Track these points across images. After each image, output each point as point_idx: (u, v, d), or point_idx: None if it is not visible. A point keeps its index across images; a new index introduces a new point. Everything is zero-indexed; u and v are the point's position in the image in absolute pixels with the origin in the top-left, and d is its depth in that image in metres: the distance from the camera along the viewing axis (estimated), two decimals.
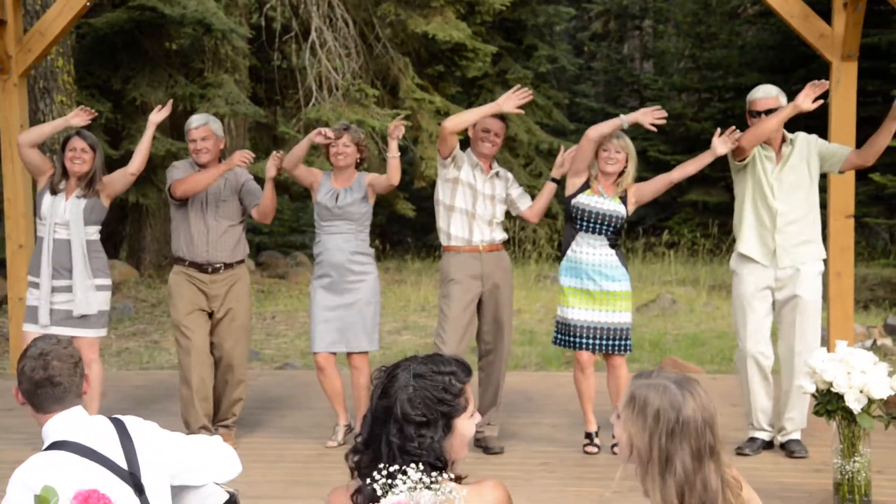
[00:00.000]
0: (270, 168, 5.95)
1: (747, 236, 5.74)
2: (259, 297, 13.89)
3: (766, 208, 5.69)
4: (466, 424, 2.65)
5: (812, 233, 5.74)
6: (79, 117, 6.03)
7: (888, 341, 9.95)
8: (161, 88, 14.65)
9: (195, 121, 6.11)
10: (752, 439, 5.76)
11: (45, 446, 3.06)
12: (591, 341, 5.81)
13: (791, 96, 5.65)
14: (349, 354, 6.06)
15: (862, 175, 8.48)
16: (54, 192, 5.93)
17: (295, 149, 6.07)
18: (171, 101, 6.30)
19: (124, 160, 13.38)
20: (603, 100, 24.22)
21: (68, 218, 5.88)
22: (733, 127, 5.72)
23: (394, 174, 5.96)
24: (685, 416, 2.47)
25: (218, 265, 6.03)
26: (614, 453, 5.79)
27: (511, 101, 5.78)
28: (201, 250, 6.02)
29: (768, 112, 5.63)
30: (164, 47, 15.37)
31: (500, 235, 6.05)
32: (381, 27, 16.97)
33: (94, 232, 5.99)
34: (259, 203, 6.03)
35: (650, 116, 5.80)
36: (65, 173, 5.95)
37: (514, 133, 18.24)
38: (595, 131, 5.79)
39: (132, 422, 3.18)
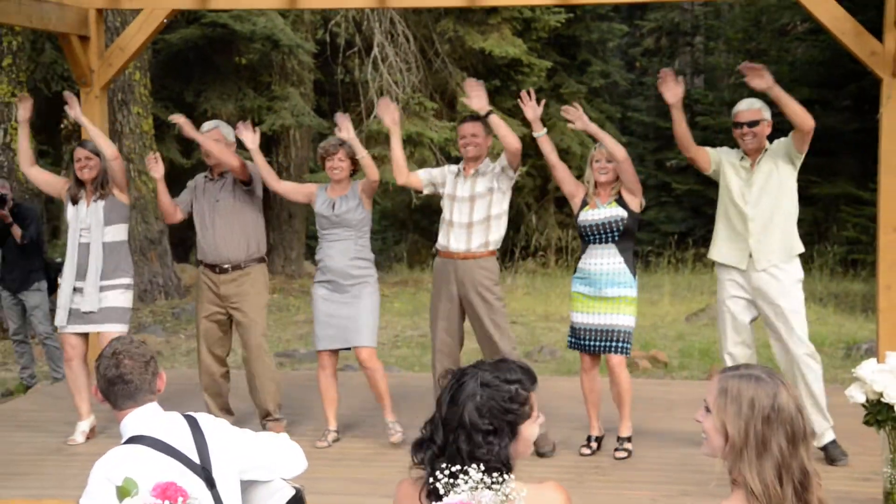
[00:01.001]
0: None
1: (720, 243, 5.78)
2: (306, 300, 13.97)
3: (736, 214, 5.68)
4: (531, 429, 2.65)
5: (787, 235, 5.66)
6: (22, 108, 6.27)
7: None
8: (231, 101, 14.86)
9: (206, 125, 6.38)
10: None
11: (123, 440, 3.12)
12: (588, 342, 5.82)
13: (842, 112, 5.60)
14: (357, 353, 6.10)
15: None
16: (75, 201, 6.20)
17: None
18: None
19: (195, 170, 13.59)
20: (654, 114, 24.01)
21: (90, 222, 6.11)
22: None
23: (368, 171, 6.05)
24: (780, 402, 2.49)
25: (226, 265, 6.14)
26: (616, 458, 5.72)
27: (384, 114, 6.11)
28: (209, 251, 6.20)
29: (752, 124, 5.66)
30: (233, 62, 15.59)
31: (479, 242, 5.88)
32: (440, 43, 17.04)
33: (116, 232, 6.20)
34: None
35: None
36: (78, 182, 6.19)
37: (567, 146, 18.18)
38: (549, 160, 5.88)
39: (204, 419, 3.22)
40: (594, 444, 5.92)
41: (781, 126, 5.81)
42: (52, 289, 8.93)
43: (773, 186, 5.66)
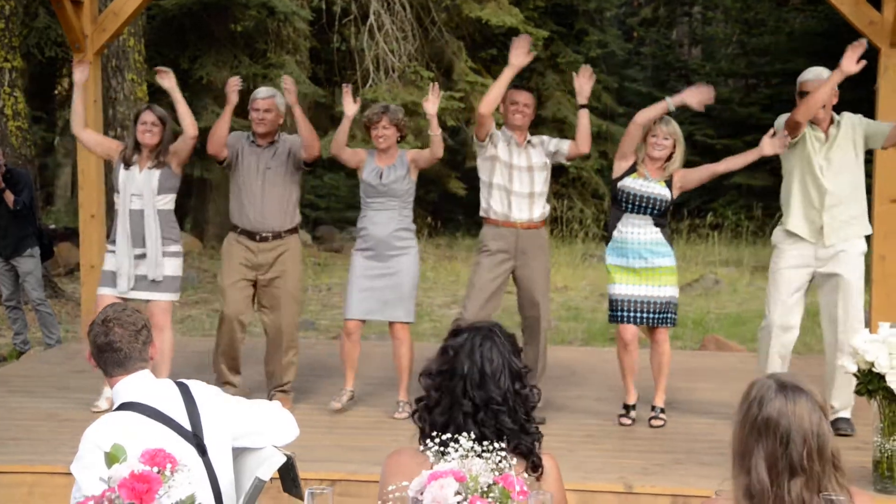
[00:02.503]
0: (289, 95, 5.98)
1: (795, 213, 5.64)
2: (315, 270, 13.99)
3: (815, 187, 5.58)
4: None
5: (858, 212, 5.63)
6: (79, 72, 6.16)
7: None
8: (226, 68, 14.76)
9: (263, 92, 6.18)
10: None
11: (114, 407, 3.11)
12: (635, 314, 5.75)
13: (840, 83, 5.54)
14: (391, 325, 6.08)
15: None
16: (128, 165, 6.00)
17: (338, 132, 6.04)
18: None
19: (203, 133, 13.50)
20: (651, 84, 23.94)
21: (143, 189, 5.95)
22: (786, 132, 5.60)
23: (437, 148, 5.95)
24: (766, 414, 2.33)
25: (267, 234, 6.07)
26: (651, 426, 5.76)
27: (516, 53, 5.79)
28: (252, 217, 6.08)
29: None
30: (229, 29, 15.47)
31: (540, 212, 5.98)
32: (436, 11, 16.93)
33: (167, 201, 6.05)
34: (301, 138, 6.05)
35: (696, 97, 5.71)
36: (136, 146, 6.01)
37: (564, 115, 18.12)
38: (642, 116, 5.72)
39: (196, 386, 3.21)
40: (633, 414, 5.87)
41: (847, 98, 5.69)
42: (46, 255, 8.91)
43: (851, 163, 5.60)
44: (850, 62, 5.37)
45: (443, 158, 6.43)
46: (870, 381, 4.55)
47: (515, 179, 5.91)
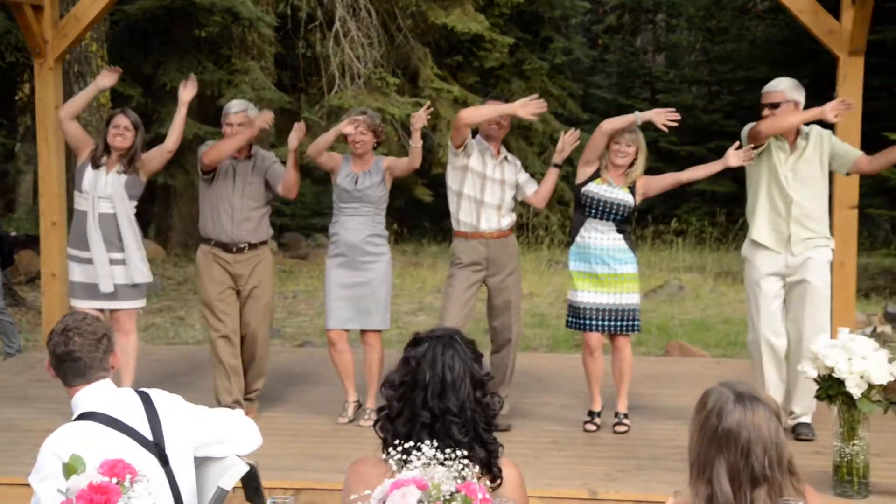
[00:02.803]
0: (293, 140, 5.93)
1: (760, 224, 5.71)
2: (281, 277, 13.91)
3: (781, 197, 5.65)
4: None
5: (823, 223, 5.71)
6: (107, 78, 6.09)
7: (888, 329, 9.91)
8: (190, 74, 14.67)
9: (235, 105, 6.14)
10: None
11: (73, 417, 3.08)
12: (599, 322, 5.79)
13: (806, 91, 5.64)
14: (363, 332, 6.07)
15: None
16: (96, 165, 5.94)
17: (321, 138, 6.04)
18: (192, 75, 6.29)
19: (153, 143, 13.40)
20: (616, 91, 24.09)
21: (111, 192, 5.90)
22: (752, 146, 5.66)
23: (415, 159, 5.98)
24: (727, 425, 2.33)
25: (242, 245, 6.03)
26: (615, 432, 5.79)
27: (527, 108, 5.78)
28: (227, 230, 6.02)
29: (773, 105, 5.62)
30: (193, 34, 15.38)
31: (508, 221, 6.01)
32: (402, 18, 16.94)
33: (132, 207, 6.02)
34: (283, 178, 6.03)
35: (663, 117, 5.76)
36: (107, 149, 5.96)
37: (529, 123, 18.15)
38: (609, 125, 5.76)
39: (158, 395, 3.18)
40: (598, 420, 5.90)
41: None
42: (6, 263, 8.79)
43: (815, 175, 5.66)
44: (832, 113, 5.48)
45: None
46: (829, 387, 4.60)
47: (488, 190, 5.92)
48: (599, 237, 5.78)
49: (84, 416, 3.04)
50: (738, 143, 5.73)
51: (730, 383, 2.45)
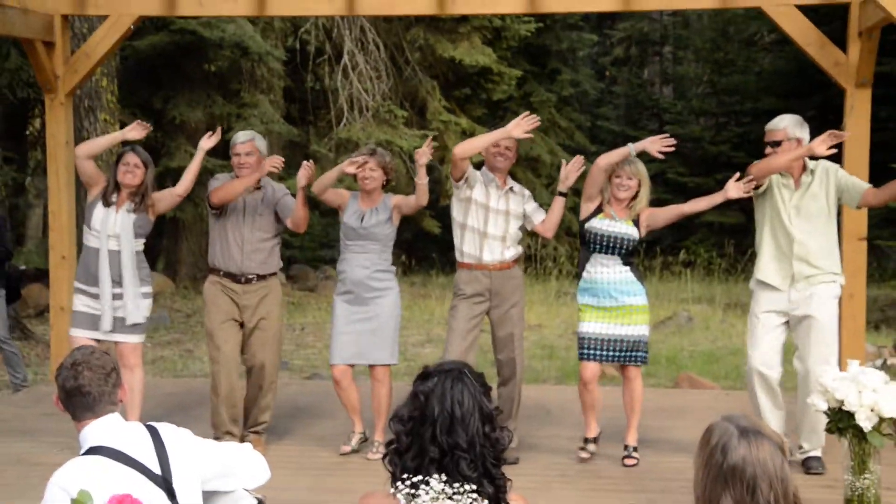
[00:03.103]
0: (301, 178, 5.96)
1: (765, 262, 5.72)
2: (289, 310, 13.93)
3: (784, 235, 5.65)
4: None
5: (830, 258, 5.69)
6: (135, 131, 6.13)
7: None
8: (199, 108, 14.78)
9: (241, 136, 6.17)
10: None
11: (82, 451, 3.08)
12: (603, 352, 5.78)
13: (808, 121, 5.64)
14: (371, 367, 6.06)
15: None
16: (107, 203, 5.99)
17: (325, 176, 6.06)
18: (220, 128, 6.34)
19: (162, 177, 13.45)
20: (623, 123, 24.17)
21: (119, 230, 5.94)
22: (751, 176, 5.67)
23: (422, 197, 5.97)
24: (732, 461, 2.31)
25: (251, 276, 6.05)
26: (625, 465, 5.76)
27: (519, 127, 5.75)
28: (236, 261, 6.04)
29: (774, 144, 5.62)
30: (203, 69, 15.50)
31: (512, 253, 6.00)
32: (410, 51, 17.05)
33: (140, 244, 6.06)
34: (293, 213, 6.05)
35: (658, 144, 5.75)
36: (117, 186, 6.00)
37: (537, 154, 18.24)
38: (604, 160, 5.78)
39: (166, 429, 3.18)
40: (592, 447, 5.88)
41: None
42: (12, 297, 8.81)
43: (821, 211, 5.66)
44: (822, 146, 5.44)
45: None
46: (840, 420, 4.58)
47: (491, 222, 5.93)
48: (606, 271, 5.78)
49: (92, 451, 3.04)
50: (738, 175, 5.74)
51: (733, 417, 2.43)
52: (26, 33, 6.90)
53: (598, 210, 5.83)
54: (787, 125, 5.65)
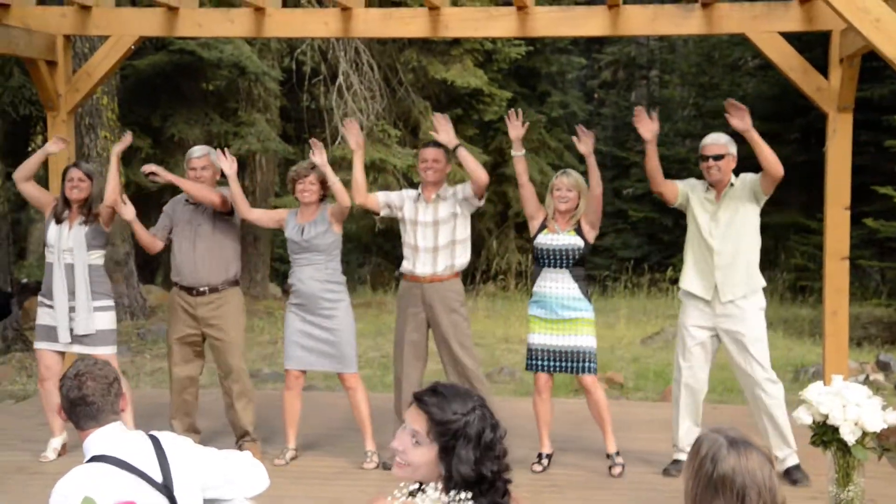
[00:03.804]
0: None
1: (689, 273, 5.82)
2: (278, 322, 13.87)
3: (706, 248, 5.75)
4: None
5: (751, 269, 5.75)
6: (55, 145, 6.30)
7: (880, 376, 9.88)
8: (197, 126, 14.78)
9: (197, 151, 6.28)
10: (676, 461, 5.78)
11: (85, 460, 3.08)
12: (551, 363, 5.84)
13: (790, 145, 5.70)
14: (340, 376, 6.12)
15: (856, 219, 8.46)
16: (59, 221, 6.07)
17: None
18: (129, 133, 6.40)
19: (161, 193, 13.44)
20: (611, 144, 24.24)
21: (72, 244, 6.00)
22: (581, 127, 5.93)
23: (341, 197, 5.97)
24: (721, 471, 2.32)
25: (203, 288, 6.09)
26: (612, 475, 5.76)
27: (350, 136, 6.02)
28: (187, 273, 6.12)
29: (717, 157, 5.72)
30: (201, 88, 15.52)
31: (445, 265, 5.96)
32: (403, 72, 17.09)
33: (97, 256, 6.12)
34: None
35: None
36: (66, 203, 6.07)
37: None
38: (518, 177, 5.97)
39: (167, 438, 3.19)
40: (545, 461, 5.94)
41: (747, 164, 5.86)
42: (3, 314, 8.76)
43: (739, 222, 5.72)
44: (647, 129, 5.91)
45: None
46: (824, 433, 4.60)
47: (419, 235, 5.98)
48: (554, 286, 5.84)
49: (95, 459, 3.04)
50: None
51: (721, 429, 2.45)
52: (30, 53, 6.91)
53: (543, 226, 5.92)
54: (727, 141, 5.77)
